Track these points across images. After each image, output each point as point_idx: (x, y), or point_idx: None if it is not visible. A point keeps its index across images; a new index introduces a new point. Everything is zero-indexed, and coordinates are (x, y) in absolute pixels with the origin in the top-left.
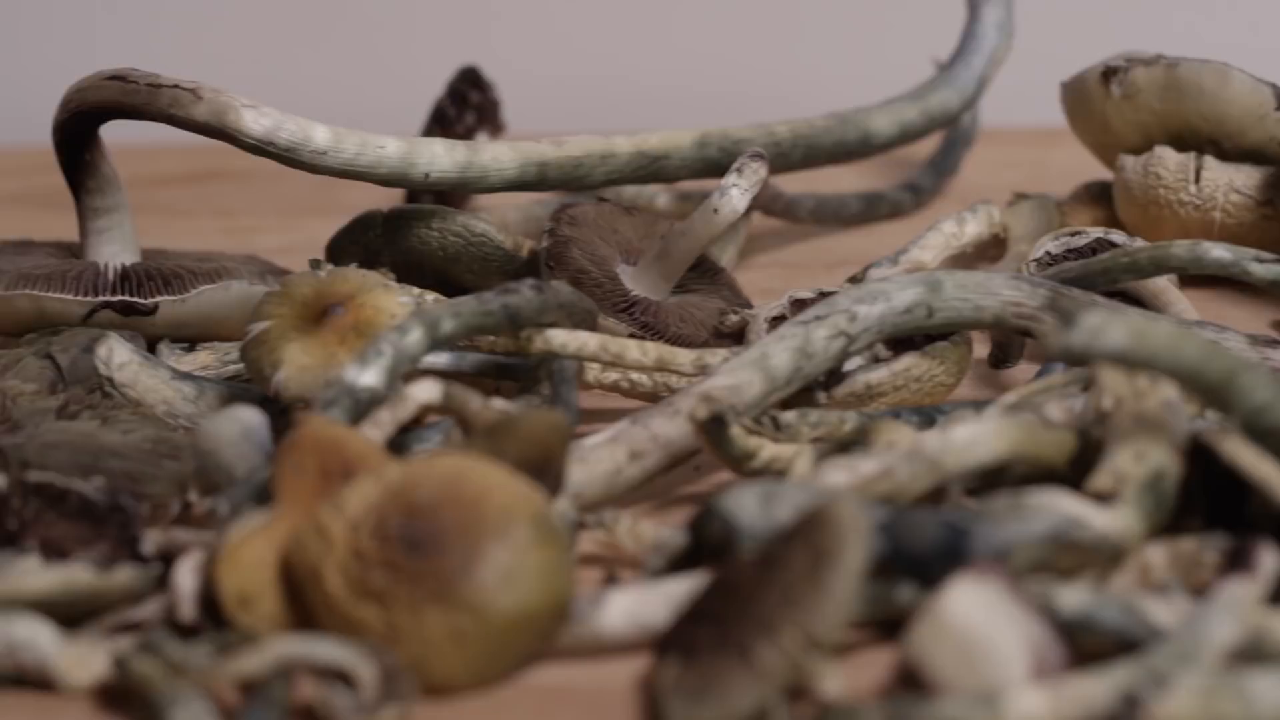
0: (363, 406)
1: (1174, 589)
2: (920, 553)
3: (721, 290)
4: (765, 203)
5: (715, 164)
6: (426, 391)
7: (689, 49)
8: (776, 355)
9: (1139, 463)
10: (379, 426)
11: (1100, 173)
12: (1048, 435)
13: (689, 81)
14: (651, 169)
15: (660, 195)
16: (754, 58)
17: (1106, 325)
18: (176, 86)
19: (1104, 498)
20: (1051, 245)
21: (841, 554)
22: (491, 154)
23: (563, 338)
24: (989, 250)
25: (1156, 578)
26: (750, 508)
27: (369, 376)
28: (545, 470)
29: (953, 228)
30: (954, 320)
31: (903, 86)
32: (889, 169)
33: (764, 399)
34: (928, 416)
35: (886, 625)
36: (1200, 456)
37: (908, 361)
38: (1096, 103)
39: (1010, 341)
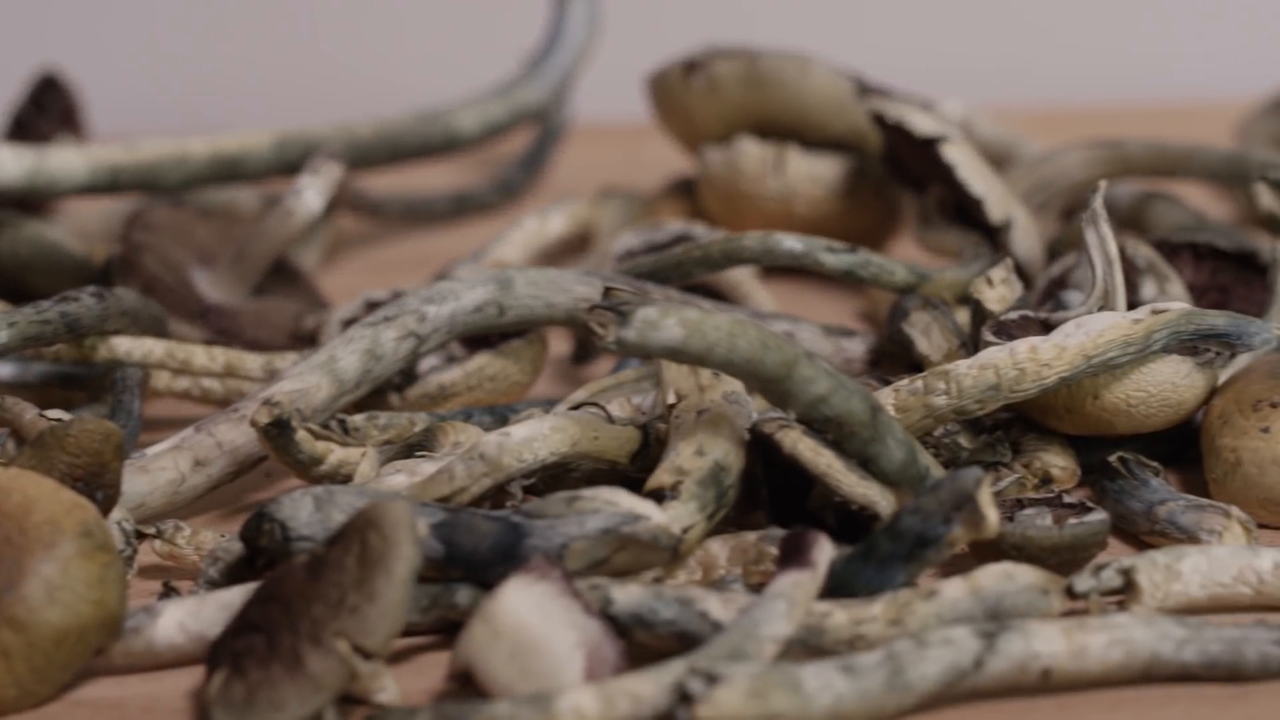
0: None
1: (735, 583)
2: (476, 554)
3: (301, 293)
4: (352, 203)
5: (295, 165)
6: None
7: (280, 46)
8: (344, 358)
9: (699, 457)
10: None
11: (692, 166)
12: (608, 432)
13: (283, 79)
14: (230, 171)
15: (251, 198)
16: (344, 54)
17: (660, 319)
18: None
19: (664, 493)
20: (632, 240)
21: (391, 558)
22: (60, 160)
23: (127, 345)
24: (581, 246)
25: (719, 572)
26: (305, 513)
27: None
28: (98, 480)
29: (535, 224)
30: (527, 318)
31: (491, 79)
32: (481, 166)
33: (333, 402)
34: (500, 416)
35: (449, 627)
36: (763, 449)
37: (481, 361)
38: (679, 96)
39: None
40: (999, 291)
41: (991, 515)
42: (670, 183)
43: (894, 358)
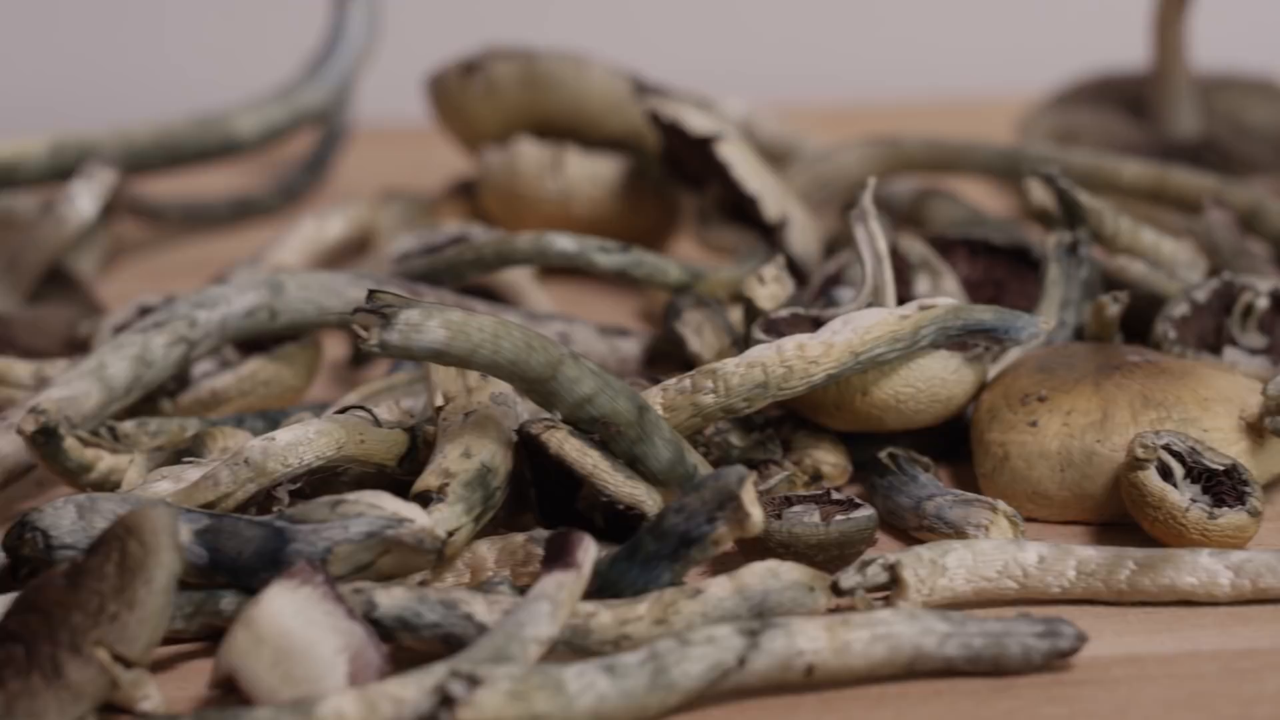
0: None
1: (502, 585)
2: (240, 559)
3: (77, 300)
4: (131, 208)
5: (71, 170)
6: None
7: (55, 47)
8: (114, 365)
9: (466, 459)
10: None
11: (474, 168)
12: (375, 435)
13: (58, 81)
14: (4, 178)
15: (31, 205)
16: (122, 56)
17: (423, 321)
18: None
19: (430, 495)
20: (409, 242)
21: (151, 565)
22: None
23: None
24: (363, 249)
25: (487, 574)
26: (67, 521)
27: None
28: None
29: (313, 228)
30: (299, 322)
31: (270, 81)
32: (263, 169)
33: (103, 409)
34: (273, 420)
35: (214, 634)
36: (530, 450)
37: (253, 366)
38: (458, 97)
39: None
40: (770, 289)
41: (755, 513)
42: (452, 185)
43: (669, 357)
